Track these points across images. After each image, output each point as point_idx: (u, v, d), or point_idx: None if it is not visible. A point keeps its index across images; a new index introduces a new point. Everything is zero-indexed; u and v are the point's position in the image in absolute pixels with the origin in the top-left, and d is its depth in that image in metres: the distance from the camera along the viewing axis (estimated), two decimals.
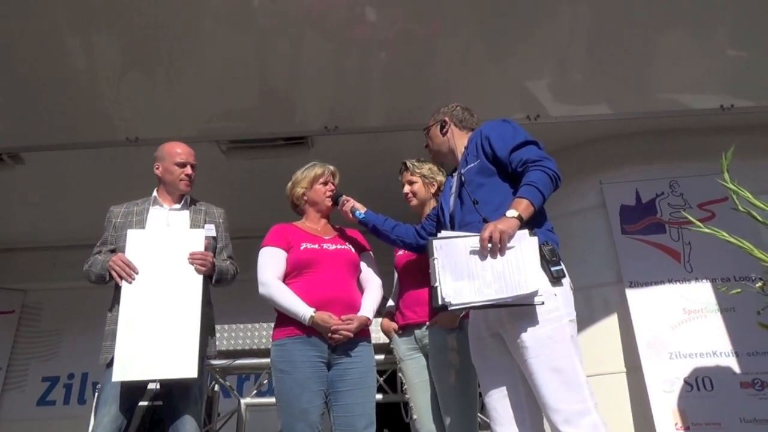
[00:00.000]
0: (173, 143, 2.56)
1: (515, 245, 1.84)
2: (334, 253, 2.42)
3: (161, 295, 2.23)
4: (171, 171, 2.49)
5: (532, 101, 3.98)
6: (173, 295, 2.23)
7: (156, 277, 2.25)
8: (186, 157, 2.50)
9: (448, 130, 2.27)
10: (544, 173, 1.93)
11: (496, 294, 1.79)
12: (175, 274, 2.26)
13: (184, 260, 2.28)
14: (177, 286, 2.25)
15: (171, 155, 2.50)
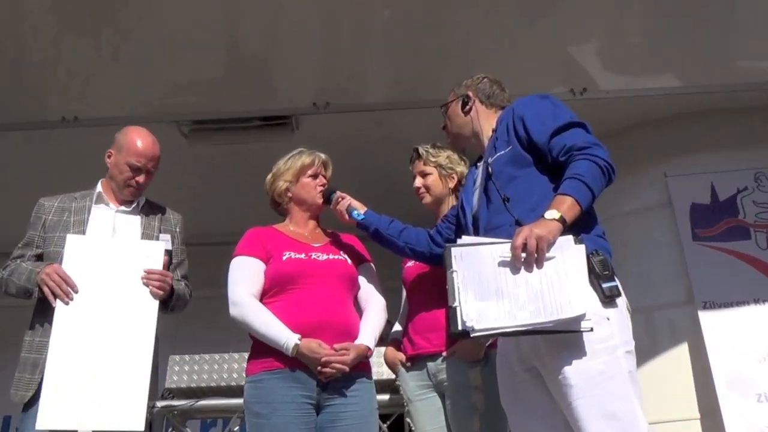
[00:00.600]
0: (139, 135, 2.47)
1: (556, 255, 1.82)
2: (326, 265, 2.42)
3: (106, 323, 2.20)
4: (120, 170, 2.45)
5: (577, 72, 3.97)
6: (121, 323, 2.21)
7: (100, 299, 2.23)
8: (144, 161, 2.45)
9: (471, 107, 2.27)
10: (593, 164, 1.91)
11: (532, 318, 1.77)
12: (124, 297, 2.25)
13: (137, 280, 2.27)
14: (126, 313, 2.23)
15: (128, 151, 2.45)
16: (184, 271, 2.56)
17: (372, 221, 2.48)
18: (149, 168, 2.48)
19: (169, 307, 2.41)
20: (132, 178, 2.46)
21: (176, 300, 2.42)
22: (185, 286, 2.51)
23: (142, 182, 2.46)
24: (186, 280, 2.55)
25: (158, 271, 2.30)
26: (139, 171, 2.46)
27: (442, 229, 2.46)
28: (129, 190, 2.47)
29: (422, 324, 2.54)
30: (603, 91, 4.04)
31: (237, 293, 2.35)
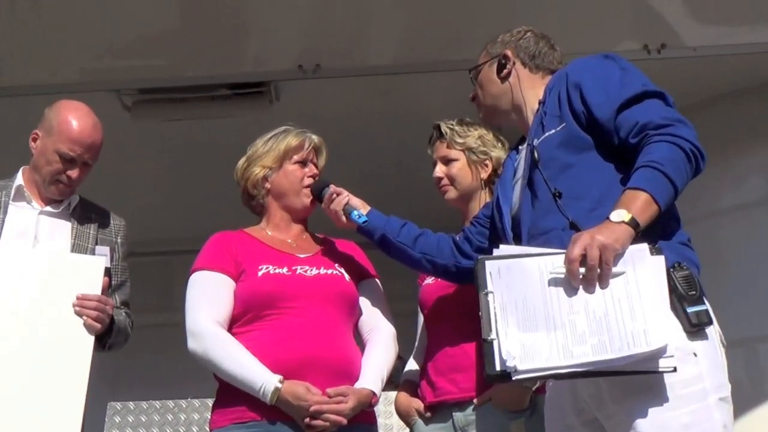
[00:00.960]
0: (75, 114, 2.45)
1: (626, 270, 1.82)
2: (316, 282, 2.42)
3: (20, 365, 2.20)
4: (48, 159, 2.46)
5: (653, 22, 3.96)
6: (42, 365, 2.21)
7: (13, 333, 2.22)
8: (80, 150, 2.44)
9: (510, 71, 2.27)
10: (675, 147, 1.90)
11: (595, 355, 1.77)
12: (48, 330, 2.25)
13: (68, 307, 2.28)
14: (50, 352, 2.23)
15: (60, 134, 2.44)
16: (124, 296, 2.57)
17: (377, 224, 2.49)
18: (86, 159, 2.47)
19: (106, 345, 2.42)
20: (62, 172, 2.45)
21: (115, 335, 2.43)
22: (126, 316, 2.53)
23: (75, 178, 2.46)
24: (127, 308, 2.57)
25: (96, 297, 2.31)
26: (73, 163, 2.45)
27: (472, 234, 2.46)
28: (57, 188, 2.48)
29: (446, 362, 2.55)
30: (688, 47, 4.02)
31: (197, 321, 2.36)
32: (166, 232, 5.28)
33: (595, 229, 1.83)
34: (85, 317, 2.28)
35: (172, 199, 5.14)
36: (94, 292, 2.31)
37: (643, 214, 1.85)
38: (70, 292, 2.29)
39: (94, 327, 2.29)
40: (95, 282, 2.33)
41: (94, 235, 2.51)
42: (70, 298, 2.28)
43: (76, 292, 2.29)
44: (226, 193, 2.80)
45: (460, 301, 2.47)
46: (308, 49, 4.08)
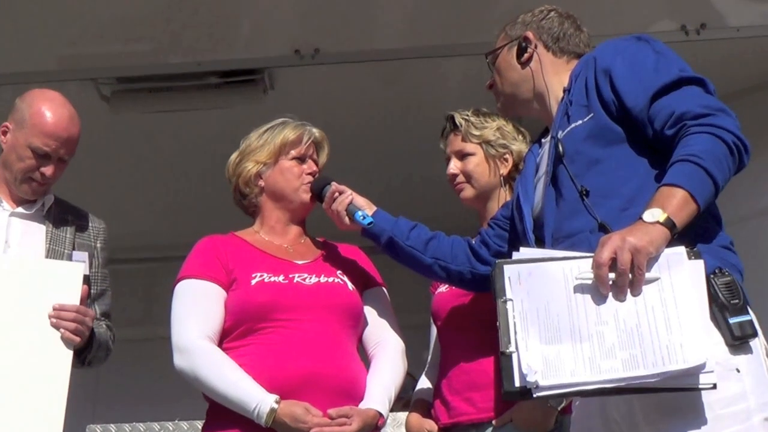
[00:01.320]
0: (50, 105, 2.47)
1: (661, 276, 1.82)
2: (316, 291, 2.43)
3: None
4: (19, 155, 2.47)
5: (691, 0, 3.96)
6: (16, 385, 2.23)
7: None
8: (55, 144, 2.45)
9: (532, 55, 2.28)
10: (716, 139, 1.90)
11: (626, 370, 1.76)
12: (21, 345, 2.26)
13: (43, 320, 2.28)
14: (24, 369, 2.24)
15: (33, 128, 2.45)
16: (105, 307, 2.58)
17: (384, 226, 2.49)
18: (62, 155, 2.49)
19: (86, 360, 2.43)
20: (35, 169, 2.46)
21: (96, 349, 2.44)
22: (107, 329, 2.54)
23: (50, 175, 2.48)
24: (108, 320, 2.58)
25: (74, 308, 2.32)
26: (47, 159, 2.47)
27: (489, 237, 2.47)
28: (30, 186, 2.49)
29: (462, 379, 2.55)
30: (731, 27, 4.03)
31: (184, 335, 2.38)
32: (150, 236, 5.28)
33: (627, 230, 1.83)
34: (62, 330, 2.29)
35: (156, 200, 5.16)
36: (73, 302, 2.32)
37: (680, 213, 1.85)
38: (45, 303, 2.29)
39: (73, 341, 2.30)
40: (73, 291, 2.34)
41: (71, 239, 2.53)
42: (45, 310, 2.29)
43: (52, 302, 2.30)
44: (216, 193, 2.81)
45: (477, 311, 2.49)
46: (306, 32, 4.10)
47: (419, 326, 2.79)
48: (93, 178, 4.59)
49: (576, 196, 2.04)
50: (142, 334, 2.91)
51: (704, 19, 3.98)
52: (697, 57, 2.20)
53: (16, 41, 4.00)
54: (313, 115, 2.70)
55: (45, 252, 2.47)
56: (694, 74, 2.05)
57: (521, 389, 1.79)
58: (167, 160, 4.86)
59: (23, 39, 4.01)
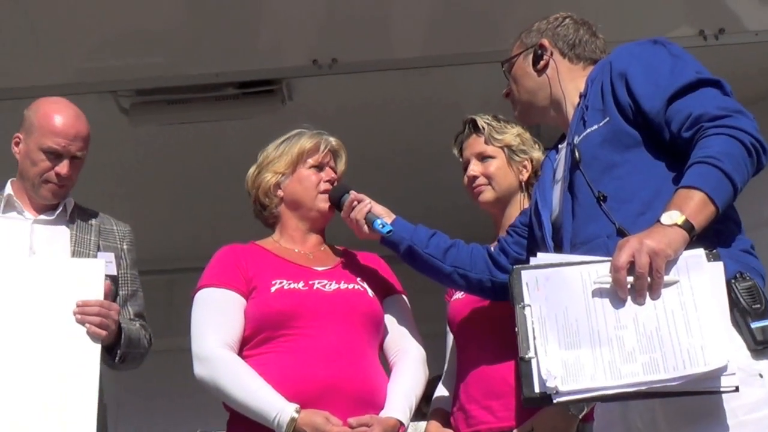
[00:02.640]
0: (55, 108, 2.52)
1: (680, 279, 1.82)
2: (336, 298, 2.44)
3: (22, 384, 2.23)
4: (33, 159, 2.49)
5: (709, 5, 3.95)
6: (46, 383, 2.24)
7: (12, 348, 2.27)
8: (65, 142, 2.49)
9: (548, 62, 2.29)
10: (733, 140, 1.87)
11: (646, 374, 1.76)
12: (49, 343, 2.28)
13: (68, 315, 2.31)
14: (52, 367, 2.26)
15: (41, 130, 2.49)
16: (138, 308, 2.61)
17: (404, 235, 2.50)
18: (74, 152, 2.52)
19: (118, 356, 2.44)
20: (50, 169, 2.50)
21: (127, 345, 2.45)
22: (141, 328, 2.56)
23: (66, 173, 2.51)
24: (142, 320, 2.60)
25: (97, 302, 2.34)
26: (60, 158, 2.50)
27: (508, 245, 2.47)
28: (48, 188, 2.52)
29: (480, 387, 2.55)
30: (749, 32, 4.03)
31: (204, 344, 2.39)
32: (169, 247, 5.30)
33: (644, 233, 1.83)
34: (87, 325, 2.31)
35: (175, 212, 5.18)
36: (96, 297, 2.34)
37: (699, 215, 1.85)
38: (69, 301, 2.32)
39: (99, 334, 2.32)
40: (96, 286, 2.36)
41: (96, 241, 2.56)
42: (70, 307, 2.32)
43: (75, 299, 2.32)
44: (235, 204, 2.82)
45: (495, 317, 2.48)
46: (323, 42, 4.11)
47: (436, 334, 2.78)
48: (112, 190, 4.62)
49: (593, 201, 2.04)
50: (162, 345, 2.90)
51: (723, 24, 3.97)
52: (715, 61, 2.19)
53: (35, 54, 4.05)
54: (332, 124, 2.71)
55: (71, 255, 2.50)
56: (710, 76, 2.04)
57: (541, 395, 1.80)
58: (186, 171, 4.89)
59: (42, 52, 4.06)
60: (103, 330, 2.33)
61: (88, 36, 4.06)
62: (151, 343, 2.61)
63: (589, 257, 1.91)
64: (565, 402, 1.81)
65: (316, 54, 4.12)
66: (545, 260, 1.94)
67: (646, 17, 3.88)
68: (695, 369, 1.75)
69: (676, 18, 4.00)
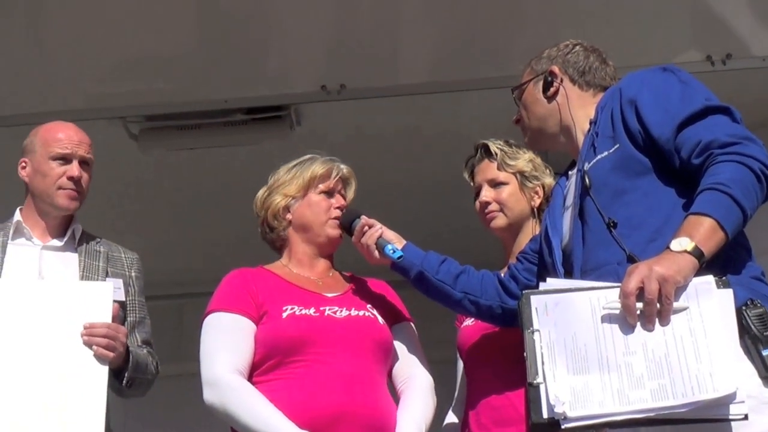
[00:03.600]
0: (51, 124, 2.63)
1: (690, 305, 1.82)
2: (347, 325, 2.43)
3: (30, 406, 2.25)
4: (44, 171, 2.54)
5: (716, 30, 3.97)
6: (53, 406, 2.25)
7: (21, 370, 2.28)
8: (71, 145, 2.55)
9: (558, 89, 2.30)
10: (743, 167, 1.88)
11: (655, 400, 1.77)
12: (57, 365, 2.29)
13: (76, 338, 2.32)
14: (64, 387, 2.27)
15: (45, 144, 2.55)
16: (145, 335, 2.61)
17: (414, 261, 2.49)
18: (81, 155, 2.57)
19: (125, 381, 2.45)
20: (62, 175, 2.53)
21: (134, 370, 2.46)
22: (148, 354, 2.57)
23: (78, 175, 2.54)
24: (150, 347, 2.61)
25: (104, 324, 2.35)
26: (69, 161, 2.54)
27: (519, 271, 2.47)
28: (64, 194, 2.54)
29: (490, 414, 2.54)
30: (757, 57, 4.03)
31: (214, 370, 2.38)
32: (178, 273, 5.30)
33: (654, 259, 1.84)
34: (95, 348, 2.32)
35: (184, 237, 5.19)
36: (103, 320, 2.36)
37: (708, 242, 1.85)
38: (77, 323, 2.33)
39: (106, 356, 2.33)
40: (104, 309, 2.37)
41: (104, 267, 2.57)
42: (78, 330, 2.33)
43: (84, 321, 2.34)
44: (244, 229, 2.82)
45: (505, 344, 2.47)
46: (332, 68, 4.14)
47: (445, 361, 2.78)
48: (122, 215, 4.64)
49: (603, 227, 2.05)
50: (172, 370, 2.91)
51: (730, 50, 3.98)
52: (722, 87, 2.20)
53: (44, 80, 4.08)
54: (340, 150, 2.72)
55: (79, 278, 2.52)
56: (720, 103, 2.05)
57: (549, 420, 1.79)
58: (195, 196, 4.90)
59: (51, 78, 4.09)
60: (110, 352, 2.34)
61: (98, 62, 4.08)
62: (158, 370, 2.61)
63: (599, 283, 1.91)
64: (573, 428, 1.80)
65: (324, 80, 4.14)
66: (555, 286, 1.95)
67: (654, 43, 3.90)
68: (704, 396, 1.75)
69: (683, 43, 4.01)
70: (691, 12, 3.98)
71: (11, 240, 2.55)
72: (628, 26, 3.83)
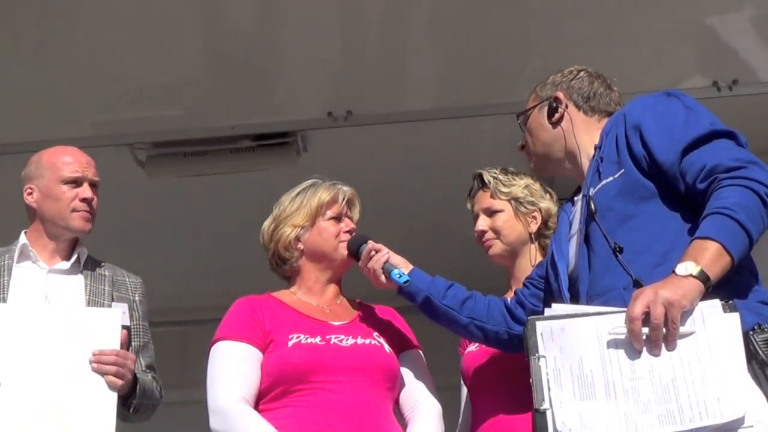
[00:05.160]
0: (55, 149, 2.66)
1: (696, 330, 1.83)
2: (354, 354, 2.42)
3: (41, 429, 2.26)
4: (55, 195, 2.56)
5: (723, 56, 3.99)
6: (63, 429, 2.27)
7: (32, 394, 2.28)
8: (81, 168, 2.59)
9: (563, 115, 2.31)
10: (749, 191, 1.88)
11: (662, 426, 1.77)
12: (66, 392, 2.29)
13: (85, 364, 2.33)
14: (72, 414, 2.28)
15: (54, 168, 2.59)
16: (149, 360, 2.62)
17: (421, 286, 2.49)
18: (90, 177, 2.61)
19: (132, 407, 2.45)
20: (75, 198, 2.56)
21: (141, 396, 2.46)
22: (153, 380, 2.58)
23: (90, 196, 2.58)
24: (153, 372, 2.62)
25: (114, 351, 2.36)
26: (80, 183, 2.58)
27: (525, 297, 2.47)
28: (79, 216, 2.57)
29: None
30: (764, 83, 4.06)
31: (220, 397, 2.38)
32: (184, 299, 5.31)
33: (660, 283, 1.84)
34: (104, 375, 2.33)
35: (190, 263, 5.20)
36: (112, 347, 2.37)
37: (714, 266, 1.85)
38: (86, 350, 2.34)
39: (115, 384, 2.34)
40: (113, 336, 2.38)
41: (110, 291, 2.59)
42: (86, 356, 2.34)
43: (92, 348, 2.35)
44: (251, 256, 2.82)
45: (508, 370, 2.48)
46: (338, 94, 4.17)
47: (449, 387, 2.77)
48: (128, 241, 4.65)
49: (609, 253, 2.05)
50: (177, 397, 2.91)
51: (736, 75, 4.00)
52: (729, 112, 2.20)
53: (51, 108, 4.12)
54: (347, 176, 2.73)
55: (86, 305, 2.53)
56: (724, 127, 2.06)
57: None
58: (202, 223, 4.92)
59: (58, 105, 4.13)
60: (119, 379, 2.34)
61: (105, 89, 4.13)
62: (162, 395, 2.62)
63: (604, 308, 1.92)
64: None
65: (331, 106, 4.18)
66: (560, 311, 1.96)
67: (660, 68, 3.92)
68: (711, 421, 1.75)
69: (690, 69, 4.03)
70: (697, 37, 4.00)
71: (17, 263, 2.56)
72: (635, 51, 3.85)
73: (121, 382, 2.35)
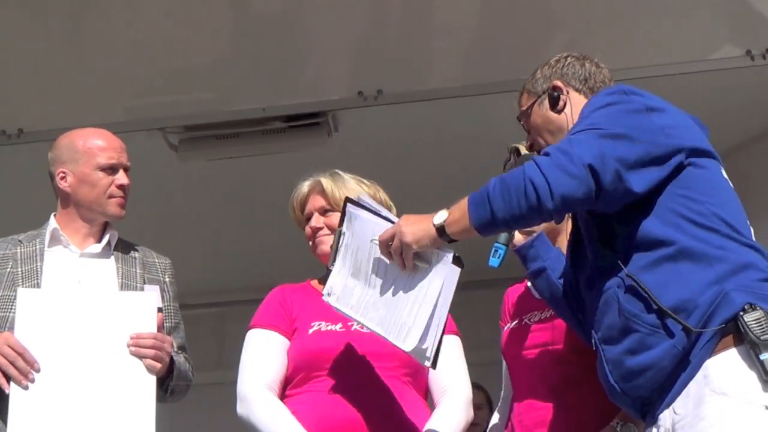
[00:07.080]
0: (86, 132, 2.64)
1: (431, 267, 2.11)
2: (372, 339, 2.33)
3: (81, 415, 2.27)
4: (92, 182, 2.55)
5: (757, 25, 3.94)
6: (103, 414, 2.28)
7: (71, 380, 2.30)
8: (117, 154, 2.57)
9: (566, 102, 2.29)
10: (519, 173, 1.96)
11: (377, 326, 2.19)
12: (106, 375, 2.31)
13: (122, 348, 2.35)
14: (110, 398, 2.30)
15: (88, 153, 2.56)
16: (180, 340, 2.64)
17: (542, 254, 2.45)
18: (125, 163, 2.61)
19: (168, 389, 2.48)
20: (113, 184, 2.56)
21: (177, 378, 2.49)
22: (185, 360, 2.60)
23: (127, 183, 2.59)
24: (185, 352, 2.64)
25: (151, 335, 2.38)
26: (116, 170, 2.58)
27: None
28: (115, 202, 2.57)
29: (532, 416, 2.53)
30: None
31: (245, 384, 2.43)
32: (219, 281, 5.35)
33: (412, 219, 2.11)
34: (143, 358, 2.35)
35: (225, 245, 5.23)
36: (149, 330, 2.38)
37: (455, 225, 2.05)
38: (123, 334, 2.35)
39: (154, 367, 2.36)
40: (149, 319, 2.39)
41: (141, 274, 2.59)
42: (123, 340, 2.35)
43: (129, 332, 2.36)
44: (282, 236, 2.84)
45: (547, 345, 2.49)
46: (368, 73, 4.17)
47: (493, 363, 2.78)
48: (162, 224, 4.69)
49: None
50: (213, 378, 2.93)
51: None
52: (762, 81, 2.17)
53: (83, 94, 4.14)
54: (376, 155, 2.74)
55: (118, 287, 2.54)
56: (613, 129, 2.01)
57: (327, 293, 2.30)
58: (235, 205, 4.95)
59: (90, 91, 4.15)
60: (158, 362, 2.36)
61: (136, 74, 4.15)
62: (193, 375, 2.63)
63: (388, 215, 2.23)
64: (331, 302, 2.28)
65: (361, 86, 4.17)
66: (368, 204, 2.28)
67: (692, 39, 3.87)
68: (399, 344, 2.14)
69: (722, 38, 3.97)
70: (730, 7, 3.94)
71: (48, 247, 2.56)
72: (666, 23, 3.80)
73: (160, 365, 2.37)
